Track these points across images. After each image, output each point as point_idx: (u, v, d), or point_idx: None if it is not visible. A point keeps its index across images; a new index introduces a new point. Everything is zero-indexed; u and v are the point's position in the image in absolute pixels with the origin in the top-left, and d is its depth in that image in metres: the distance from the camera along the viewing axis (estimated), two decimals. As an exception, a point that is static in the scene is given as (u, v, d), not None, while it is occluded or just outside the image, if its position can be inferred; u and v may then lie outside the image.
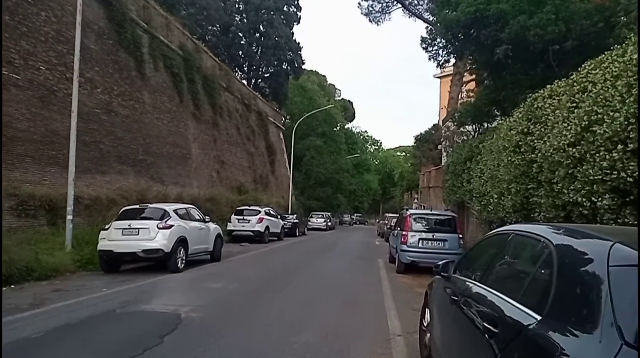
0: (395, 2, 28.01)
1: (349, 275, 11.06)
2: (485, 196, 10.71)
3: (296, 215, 27.69)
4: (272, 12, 38.02)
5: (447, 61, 15.70)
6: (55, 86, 13.07)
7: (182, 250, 10.46)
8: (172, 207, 11.05)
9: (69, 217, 10.72)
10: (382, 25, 77.16)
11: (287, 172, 39.63)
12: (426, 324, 4.40)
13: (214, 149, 25.29)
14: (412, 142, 36.72)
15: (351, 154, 60.43)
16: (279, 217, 22.96)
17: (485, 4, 11.22)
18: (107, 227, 10.18)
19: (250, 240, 19.05)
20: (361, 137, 75.85)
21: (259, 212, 19.95)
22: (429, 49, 14.23)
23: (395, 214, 25.30)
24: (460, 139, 18.90)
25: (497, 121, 14.25)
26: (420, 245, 11.18)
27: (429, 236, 11.28)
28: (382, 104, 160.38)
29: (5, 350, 4.19)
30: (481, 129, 16.66)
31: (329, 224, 36.39)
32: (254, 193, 29.09)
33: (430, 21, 21.08)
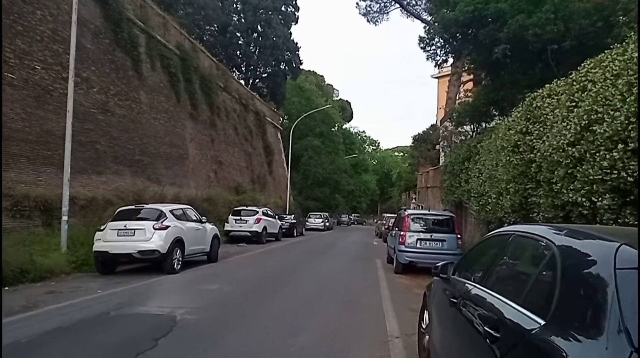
0: (393, 2, 28.00)
1: (347, 275, 11.00)
2: (483, 196, 10.68)
3: (294, 215, 27.60)
4: (270, 12, 37.94)
5: (445, 61, 15.67)
6: (50, 86, 12.97)
7: (178, 251, 10.36)
8: (168, 208, 10.96)
9: (64, 218, 10.61)
10: (380, 25, 77.26)
11: (284, 172, 39.55)
12: (425, 326, 4.33)
13: (211, 150, 25.19)
14: (410, 142, 36.73)
15: (349, 155, 60.39)
16: (277, 217, 22.86)
17: (483, 4, 11.18)
18: (102, 228, 10.08)
19: (247, 240, 18.95)
20: (359, 137, 75.83)
21: (257, 212, 19.87)
22: (427, 49, 14.19)
23: (393, 215, 25.30)
24: (458, 139, 18.88)
25: (495, 121, 14.22)
26: (418, 245, 11.12)
27: (427, 237, 11.22)
28: (380, 104, 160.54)
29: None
30: (479, 129, 16.64)
31: (327, 224, 36.32)
32: (251, 193, 29.00)
33: (428, 21, 21.06)
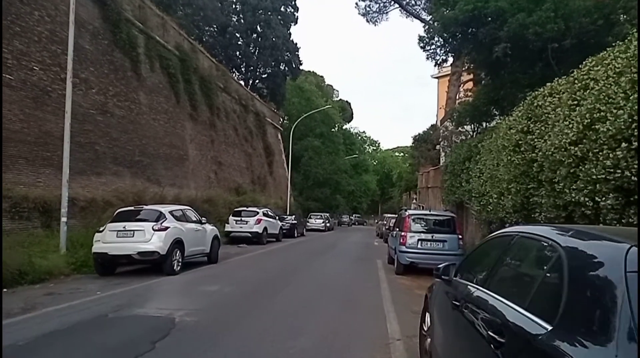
0: (392, 2, 27.94)
1: (348, 276, 10.93)
2: (484, 196, 10.62)
3: (294, 216, 27.53)
4: (269, 13, 37.90)
5: (445, 60, 15.60)
6: (49, 87, 12.92)
7: (178, 252, 10.30)
8: (167, 209, 10.91)
9: (63, 219, 10.56)
10: (380, 25, 77.20)
11: (285, 173, 39.49)
12: (426, 329, 4.27)
13: (211, 150, 25.13)
14: (410, 142, 36.65)
15: (349, 155, 60.32)
16: (278, 218, 22.80)
17: (483, 2, 11.11)
18: (101, 229, 10.03)
19: (248, 241, 18.89)
20: (359, 137, 75.75)
21: (257, 213, 19.81)
22: (427, 48, 14.13)
23: (394, 215, 25.23)
24: (458, 139, 18.82)
25: (495, 121, 14.16)
26: (419, 246, 11.05)
27: (428, 237, 11.15)
28: (380, 104, 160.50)
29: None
30: (480, 128, 16.57)
31: (328, 225, 36.26)
32: (252, 194, 28.94)
33: (427, 21, 20.98)
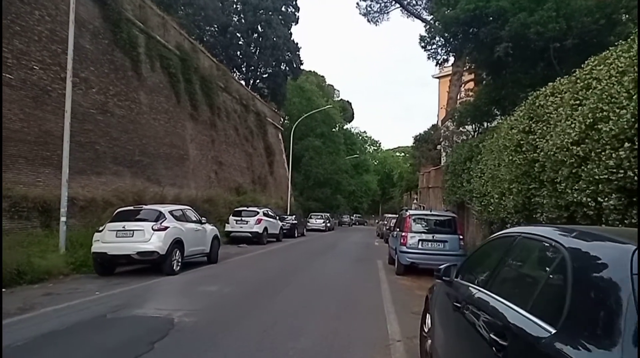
0: (393, 2, 27.89)
1: (348, 276, 10.89)
2: (485, 197, 10.57)
3: (295, 216, 27.48)
4: (270, 13, 37.85)
5: (446, 60, 15.56)
6: (49, 86, 12.89)
7: (177, 252, 10.27)
8: (167, 208, 10.87)
9: (63, 219, 10.53)
10: (381, 25, 77.18)
11: (285, 173, 39.45)
12: (427, 330, 4.23)
13: (211, 150, 25.10)
14: (411, 142, 36.63)
15: (350, 155, 60.27)
16: (278, 218, 22.76)
17: (485, 1, 11.06)
18: (101, 229, 10.00)
19: (248, 241, 18.86)
20: (360, 137, 75.69)
21: (257, 213, 19.77)
22: (428, 48, 14.08)
23: (394, 215, 25.16)
24: (459, 139, 18.76)
25: (497, 121, 14.11)
26: (420, 246, 11.00)
27: (429, 238, 11.10)
28: (380, 104, 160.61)
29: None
30: (481, 128, 16.52)
31: (328, 225, 36.20)
32: (252, 194, 28.91)
33: (428, 21, 20.93)
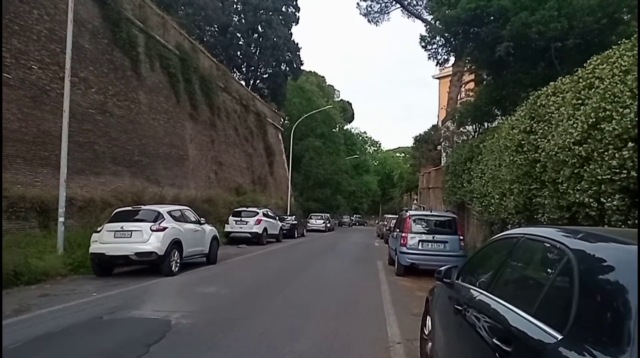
0: (394, 2, 27.80)
1: (348, 277, 10.82)
2: (486, 197, 10.51)
3: (295, 216, 27.41)
4: (270, 13, 37.80)
5: (446, 60, 15.50)
6: (47, 86, 12.82)
7: (176, 253, 10.20)
8: (166, 209, 10.80)
9: (61, 219, 10.46)
10: (381, 26, 77.09)
11: (285, 173, 39.38)
12: (427, 332, 4.16)
13: (211, 150, 25.04)
14: (411, 143, 36.59)
15: (350, 155, 60.20)
16: (278, 218, 22.69)
17: (486, 1, 10.99)
18: (99, 229, 9.93)
19: (248, 241, 18.79)
20: (360, 138, 75.64)
21: (257, 213, 19.70)
22: (428, 48, 14.01)
23: (394, 216, 25.08)
24: (460, 139, 18.70)
25: (497, 121, 14.05)
26: (420, 247, 10.93)
27: (429, 238, 11.02)
28: (381, 105, 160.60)
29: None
30: (481, 129, 16.45)
31: (328, 225, 36.13)
32: (252, 194, 28.83)
33: (429, 21, 20.87)
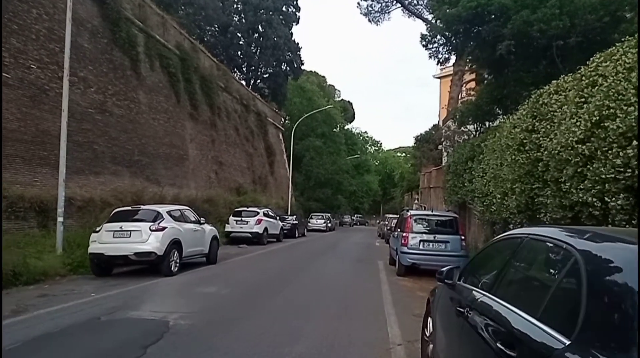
0: (394, 2, 27.76)
1: (348, 277, 10.75)
2: (487, 197, 10.43)
3: (295, 216, 27.35)
4: (270, 13, 37.73)
5: (447, 59, 15.43)
6: (46, 85, 12.77)
7: (175, 253, 10.14)
8: (165, 209, 10.74)
9: (60, 219, 10.41)
10: (381, 25, 77.04)
11: (286, 173, 39.32)
12: (428, 334, 4.09)
13: (211, 150, 24.98)
14: (412, 143, 36.54)
15: (351, 155, 60.10)
16: (278, 218, 22.63)
17: (487, -1, 10.93)
18: (98, 229, 9.88)
19: (248, 241, 18.73)
20: (361, 138, 75.51)
21: (258, 213, 19.64)
22: (429, 47, 13.94)
23: (395, 215, 25.00)
24: (461, 138, 18.61)
25: (499, 120, 13.97)
26: (421, 247, 10.86)
27: (430, 238, 10.95)
28: (381, 104, 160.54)
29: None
30: (483, 128, 16.37)
31: (329, 225, 36.07)
32: (252, 194, 28.77)
33: (429, 20, 20.80)
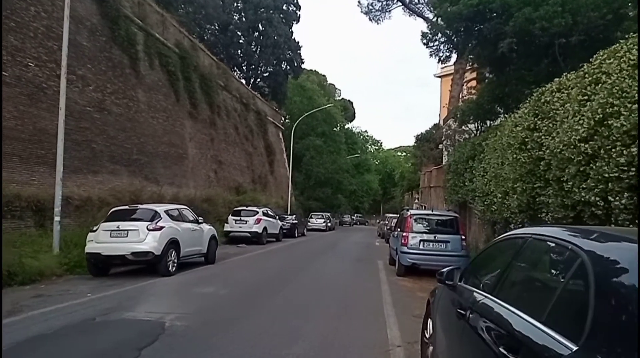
0: (395, 0, 27.67)
1: (348, 278, 10.66)
2: (488, 196, 10.35)
3: (295, 216, 27.25)
4: (271, 11, 37.64)
5: (448, 57, 15.33)
6: (44, 83, 12.69)
7: (173, 253, 10.04)
8: (163, 208, 10.65)
9: (57, 218, 10.32)
10: (382, 25, 76.71)
11: (286, 172, 39.23)
12: (428, 336, 4.00)
13: (211, 149, 24.89)
14: (412, 142, 36.45)
15: (351, 154, 60.00)
16: (278, 218, 22.52)
17: (488, -4, 10.83)
18: (95, 229, 9.78)
19: (247, 241, 18.62)
20: (361, 137, 75.40)
21: (257, 213, 19.53)
22: (430, 45, 13.85)
23: (395, 215, 24.89)
24: (461, 137, 18.51)
25: (500, 119, 13.88)
26: (421, 247, 10.76)
27: (431, 238, 10.85)
28: (381, 104, 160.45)
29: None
30: (484, 127, 16.28)
31: (329, 225, 35.98)
32: (252, 193, 28.68)
33: (430, 19, 20.70)
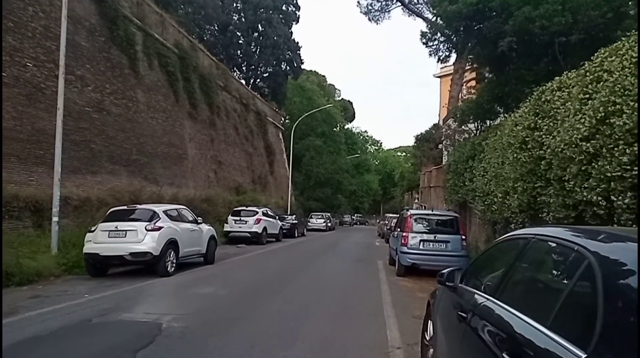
0: (394, 0, 27.64)
1: (347, 278, 10.61)
2: (489, 196, 10.30)
3: (295, 216, 27.19)
4: (270, 11, 37.58)
5: (447, 56, 15.27)
6: (43, 83, 12.62)
7: (172, 253, 9.98)
8: (162, 208, 10.59)
9: (55, 219, 10.26)
10: (381, 25, 76.81)
11: (286, 172, 39.17)
12: (428, 338, 3.94)
13: (211, 149, 24.83)
14: (412, 142, 36.40)
15: (351, 155, 59.96)
16: (278, 218, 22.47)
17: (488, -5, 10.78)
18: (93, 229, 9.73)
19: (247, 241, 18.58)
20: (361, 137, 75.35)
21: (257, 213, 19.48)
22: (429, 44, 13.79)
23: (395, 215, 24.82)
24: (461, 137, 18.46)
25: (500, 118, 13.82)
26: (421, 247, 10.70)
27: (431, 238, 10.80)
28: (381, 104, 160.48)
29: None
30: (483, 126, 16.23)
31: (329, 225, 35.94)
32: (252, 193, 28.63)
33: (430, 19, 20.65)
